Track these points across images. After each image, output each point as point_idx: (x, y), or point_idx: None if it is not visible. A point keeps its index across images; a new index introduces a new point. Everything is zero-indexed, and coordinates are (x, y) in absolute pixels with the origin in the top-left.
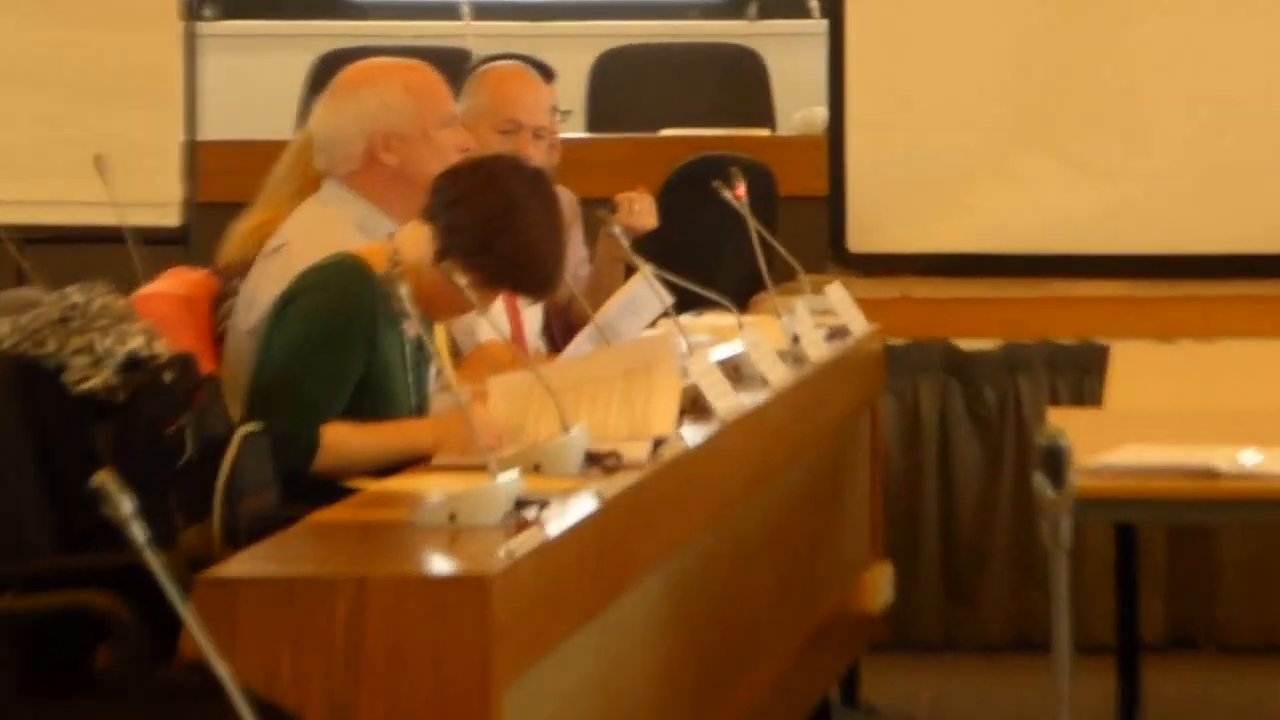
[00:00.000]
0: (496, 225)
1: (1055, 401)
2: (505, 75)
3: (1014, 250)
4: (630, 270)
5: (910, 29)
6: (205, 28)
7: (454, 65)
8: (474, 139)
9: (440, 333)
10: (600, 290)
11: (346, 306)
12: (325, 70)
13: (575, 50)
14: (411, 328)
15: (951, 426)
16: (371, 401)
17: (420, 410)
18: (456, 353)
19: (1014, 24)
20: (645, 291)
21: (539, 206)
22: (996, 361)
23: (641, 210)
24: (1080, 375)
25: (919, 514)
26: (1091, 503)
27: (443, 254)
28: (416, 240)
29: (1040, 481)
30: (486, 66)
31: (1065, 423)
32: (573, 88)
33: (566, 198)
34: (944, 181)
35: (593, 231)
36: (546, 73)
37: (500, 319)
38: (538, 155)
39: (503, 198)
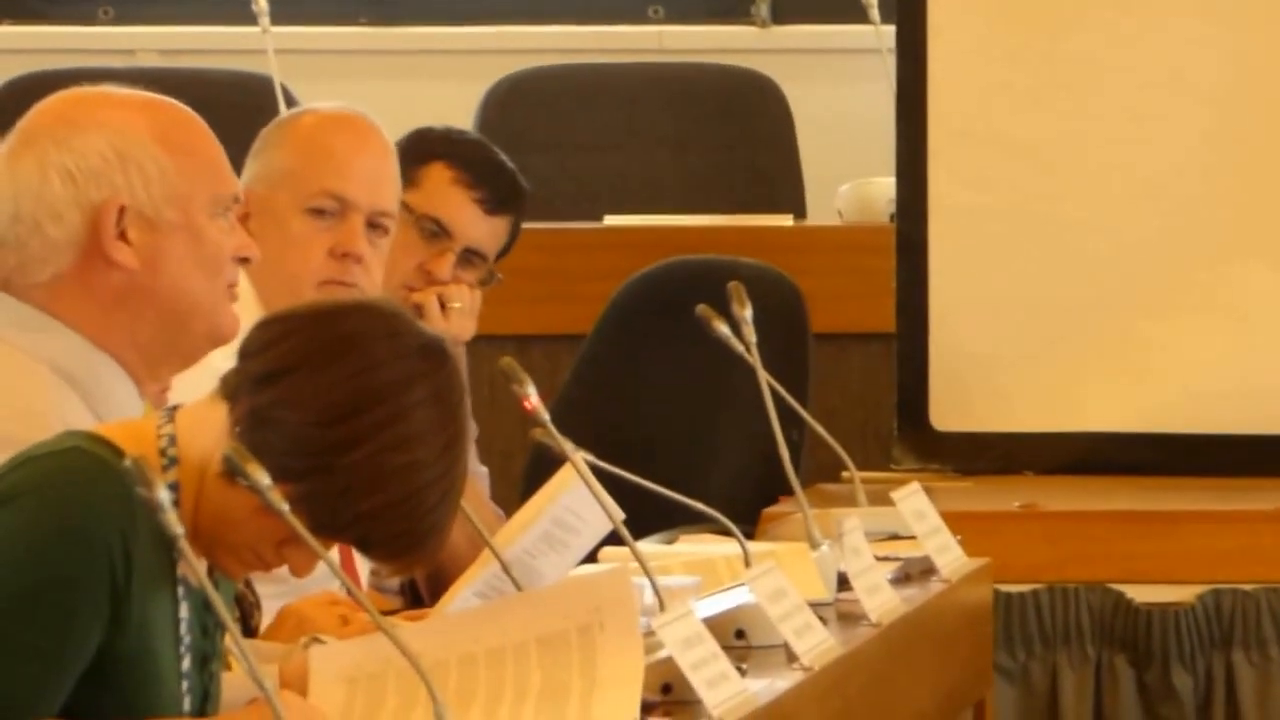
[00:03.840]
0: (348, 431)
1: None
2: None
3: (1224, 429)
4: (546, 463)
5: (1045, 36)
6: None
7: (242, 104)
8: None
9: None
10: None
11: (73, 539)
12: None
13: (452, 76)
14: (188, 569)
15: None
16: (117, 697)
17: (202, 711)
18: (248, 606)
19: (1226, 58)
20: (580, 499)
21: (427, 405)
22: (1195, 623)
23: (459, 309)
24: None
25: None
26: None
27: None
28: (207, 426)
29: None
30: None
31: None
32: None
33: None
34: (1099, 310)
35: (498, 399)
36: (506, 198)
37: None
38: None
39: (365, 382)
